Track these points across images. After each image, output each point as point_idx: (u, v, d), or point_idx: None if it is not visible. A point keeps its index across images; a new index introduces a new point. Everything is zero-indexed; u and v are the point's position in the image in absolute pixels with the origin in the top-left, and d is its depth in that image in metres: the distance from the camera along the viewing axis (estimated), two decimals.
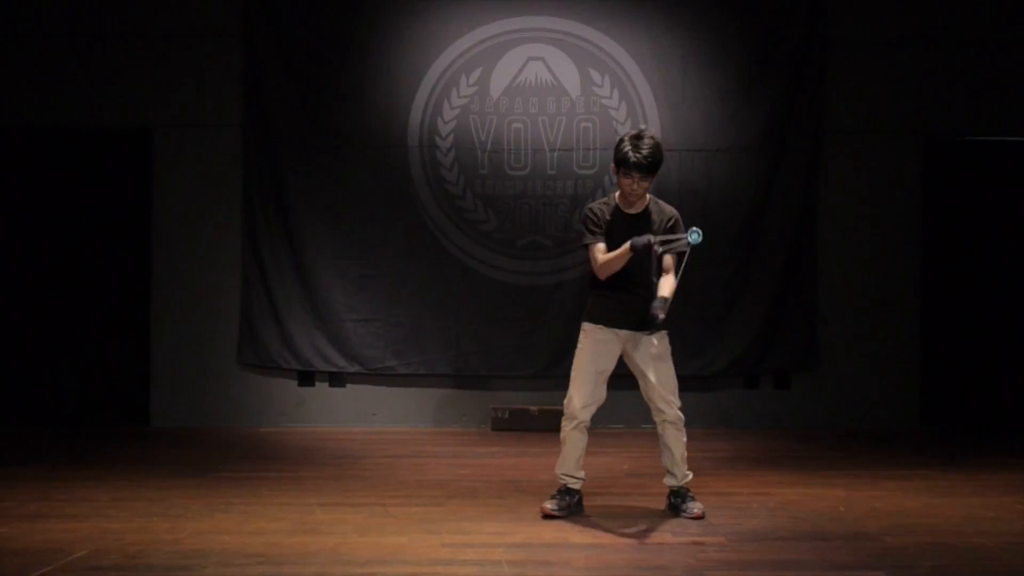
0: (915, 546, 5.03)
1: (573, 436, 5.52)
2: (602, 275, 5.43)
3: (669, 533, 5.25)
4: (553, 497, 5.58)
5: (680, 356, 8.48)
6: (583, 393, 5.49)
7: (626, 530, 5.32)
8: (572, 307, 8.34)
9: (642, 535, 5.23)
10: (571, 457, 5.54)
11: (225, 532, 5.18)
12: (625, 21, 8.56)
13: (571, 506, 5.56)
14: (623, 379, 8.52)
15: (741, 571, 4.64)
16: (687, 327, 8.56)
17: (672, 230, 5.45)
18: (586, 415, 5.51)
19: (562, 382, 5.69)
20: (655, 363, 5.54)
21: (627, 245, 5.25)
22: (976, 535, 5.23)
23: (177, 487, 6.16)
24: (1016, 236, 8.96)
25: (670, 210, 5.55)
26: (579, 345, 5.56)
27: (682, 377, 8.47)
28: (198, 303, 8.56)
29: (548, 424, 7.75)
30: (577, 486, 5.60)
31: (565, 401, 5.53)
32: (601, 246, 5.43)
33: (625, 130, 8.50)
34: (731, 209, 8.58)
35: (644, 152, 5.29)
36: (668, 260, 5.43)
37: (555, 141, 8.57)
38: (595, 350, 5.50)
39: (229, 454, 7.37)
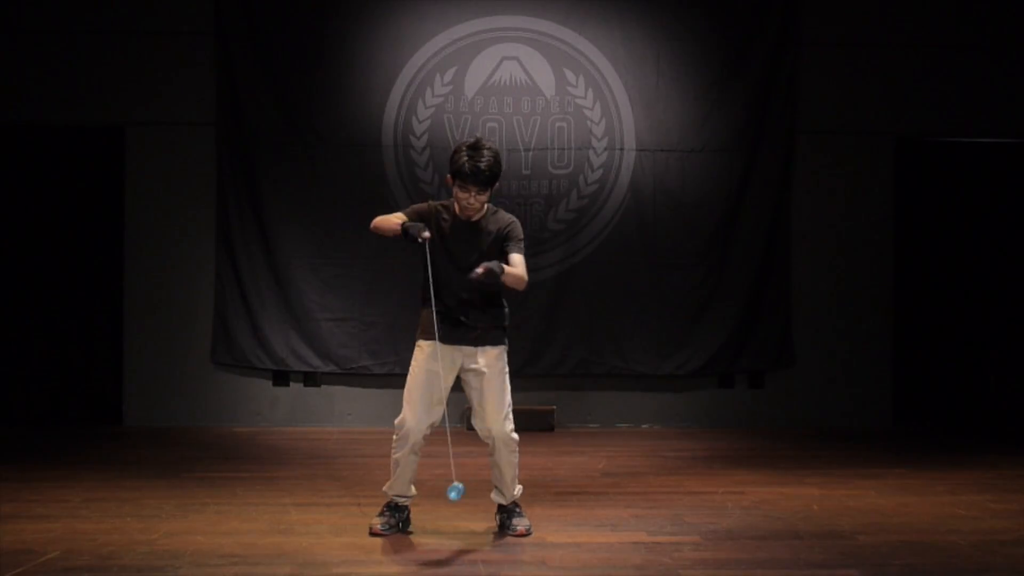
0: (888, 544, 5.06)
1: (407, 459, 5.19)
2: (375, 224, 5.11)
3: (644, 532, 5.26)
4: (381, 514, 5.27)
5: (655, 356, 8.65)
6: (416, 413, 5.15)
7: (601, 529, 5.33)
8: (547, 306, 8.39)
9: (617, 534, 5.24)
10: (404, 479, 5.22)
11: (199, 532, 5.16)
12: (600, 21, 8.58)
13: (400, 523, 5.25)
14: (598, 379, 8.64)
15: (716, 570, 4.66)
16: (662, 327, 8.61)
17: (507, 236, 5.12)
18: (419, 436, 5.17)
19: (539, 381, 5.69)
20: (489, 380, 5.27)
21: (403, 227, 4.98)
22: (948, 533, 5.27)
23: (150, 487, 6.13)
24: (987, 236, 9.03)
25: (507, 218, 5.20)
26: (412, 363, 5.25)
27: (657, 377, 8.65)
28: (171, 302, 8.51)
29: (524, 423, 7.72)
30: (407, 503, 5.31)
31: (397, 421, 5.18)
32: (394, 218, 5.09)
33: (600, 130, 8.58)
34: (705, 209, 8.61)
35: (482, 164, 4.95)
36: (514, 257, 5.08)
37: (530, 141, 8.58)
38: (429, 368, 5.17)
39: (203, 454, 7.32)
